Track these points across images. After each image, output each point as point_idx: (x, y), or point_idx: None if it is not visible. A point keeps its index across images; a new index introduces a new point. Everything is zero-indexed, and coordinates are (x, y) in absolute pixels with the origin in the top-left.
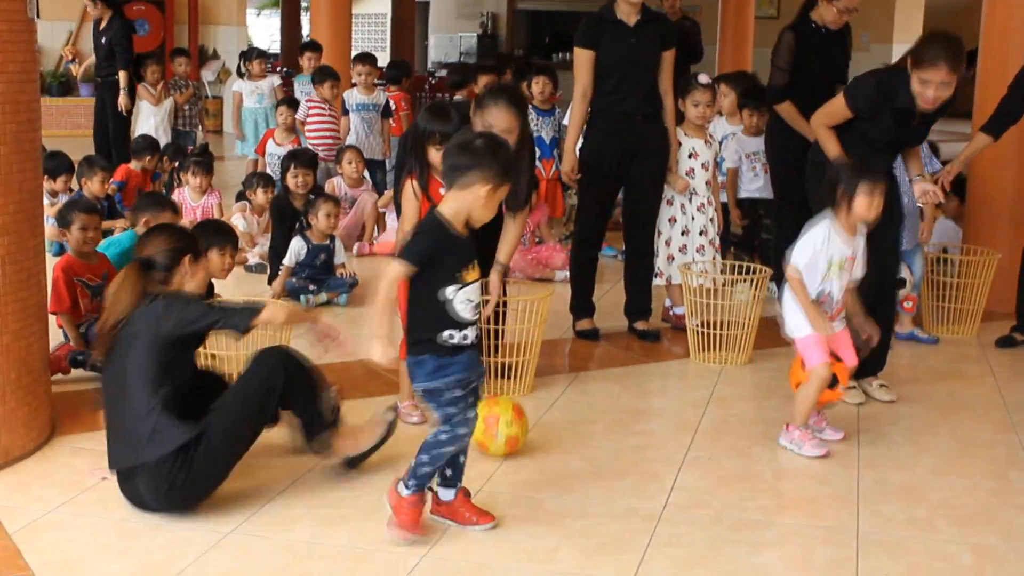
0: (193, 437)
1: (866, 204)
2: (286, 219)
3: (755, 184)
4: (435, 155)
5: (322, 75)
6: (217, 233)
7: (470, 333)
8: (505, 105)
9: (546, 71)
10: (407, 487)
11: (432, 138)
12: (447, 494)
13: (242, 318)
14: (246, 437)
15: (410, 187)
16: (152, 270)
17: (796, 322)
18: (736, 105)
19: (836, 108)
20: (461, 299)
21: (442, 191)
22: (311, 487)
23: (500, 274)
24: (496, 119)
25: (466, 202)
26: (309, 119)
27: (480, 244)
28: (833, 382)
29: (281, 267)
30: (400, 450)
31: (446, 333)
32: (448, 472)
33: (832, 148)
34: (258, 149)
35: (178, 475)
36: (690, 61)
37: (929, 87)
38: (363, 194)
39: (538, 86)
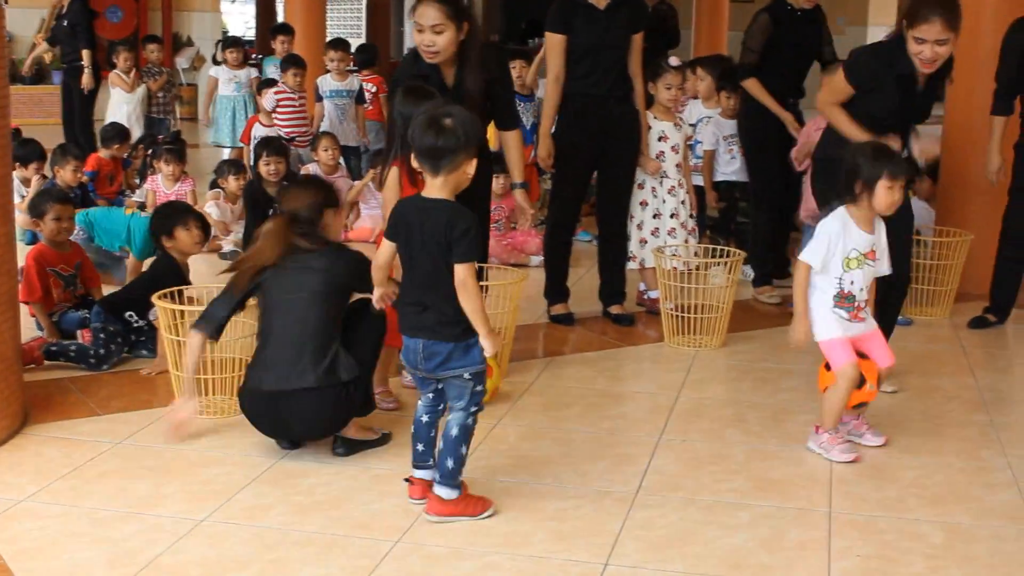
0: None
1: (887, 195)
2: (259, 206)
3: (732, 167)
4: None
5: (287, 63)
6: (179, 212)
7: None
8: (436, 3)
9: (522, 56)
10: (453, 487)
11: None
12: (426, 473)
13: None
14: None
15: (395, 174)
16: (296, 222)
17: (819, 325)
18: (713, 88)
19: (838, 86)
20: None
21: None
22: (284, 475)
23: (523, 190)
24: (420, 15)
25: (457, 181)
26: (279, 106)
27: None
28: (861, 382)
29: None
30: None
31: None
32: (420, 447)
33: (848, 128)
34: (243, 138)
35: (340, 404)
36: (667, 45)
37: (926, 45)
38: (338, 180)
39: (515, 71)
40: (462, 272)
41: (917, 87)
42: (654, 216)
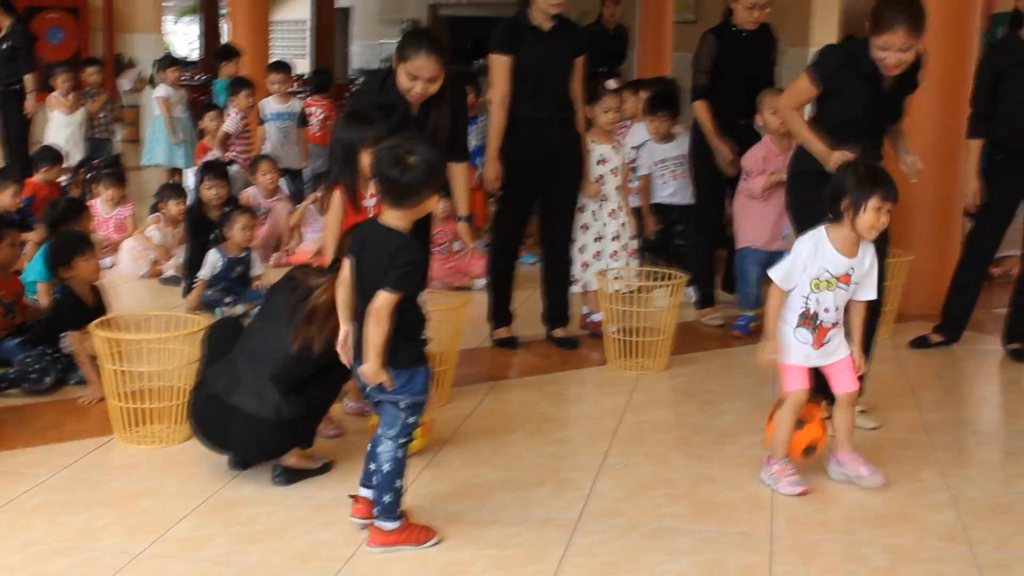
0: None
1: (874, 219)
2: (201, 231)
3: (666, 191)
4: (365, 160)
5: (238, 85)
6: (77, 241)
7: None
8: (427, 52)
9: (469, 78)
10: (393, 519)
11: (366, 143)
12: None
13: None
14: None
15: (338, 198)
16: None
17: (782, 348)
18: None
19: (800, 86)
20: (423, 299)
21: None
22: (222, 505)
23: (467, 223)
24: (419, 68)
25: (415, 216)
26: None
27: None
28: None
29: (196, 279)
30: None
31: (423, 335)
32: (372, 467)
33: (805, 133)
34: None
35: (280, 435)
36: (616, 64)
37: (889, 53)
38: (277, 204)
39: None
40: (382, 298)
41: (883, 85)
42: (596, 239)
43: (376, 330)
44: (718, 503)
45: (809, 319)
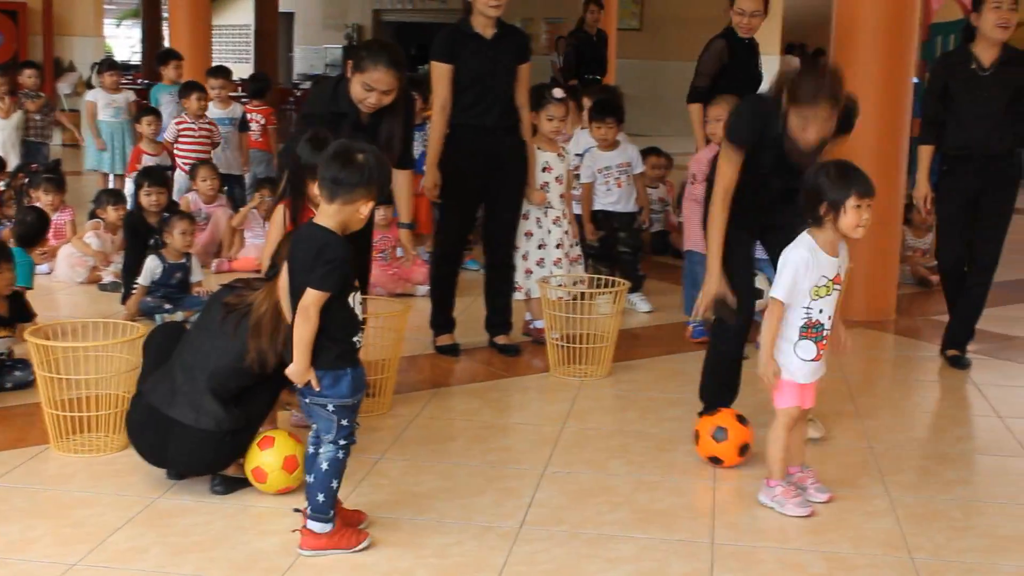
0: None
1: (855, 215)
2: (140, 237)
3: (609, 198)
4: (315, 189)
5: (188, 88)
6: None
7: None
8: (385, 65)
9: (415, 85)
10: (325, 521)
11: (314, 172)
12: None
13: None
14: None
15: (281, 212)
16: None
17: (783, 362)
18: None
19: (729, 158)
20: (357, 302)
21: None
22: (159, 515)
23: (409, 230)
24: (376, 80)
25: (346, 216)
26: (181, 138)
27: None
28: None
29: (135, 286)
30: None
31: (355, 338)
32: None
33: (714, 244)
34: (131, 169)
35: (220, 448)
36: (600, 72)
37: (811, 125)
38: (217, 210)
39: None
40: (308, 297)
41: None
42: (539, 246)
43: (302, 329)
44: (659, 510)
45: (812, 328)
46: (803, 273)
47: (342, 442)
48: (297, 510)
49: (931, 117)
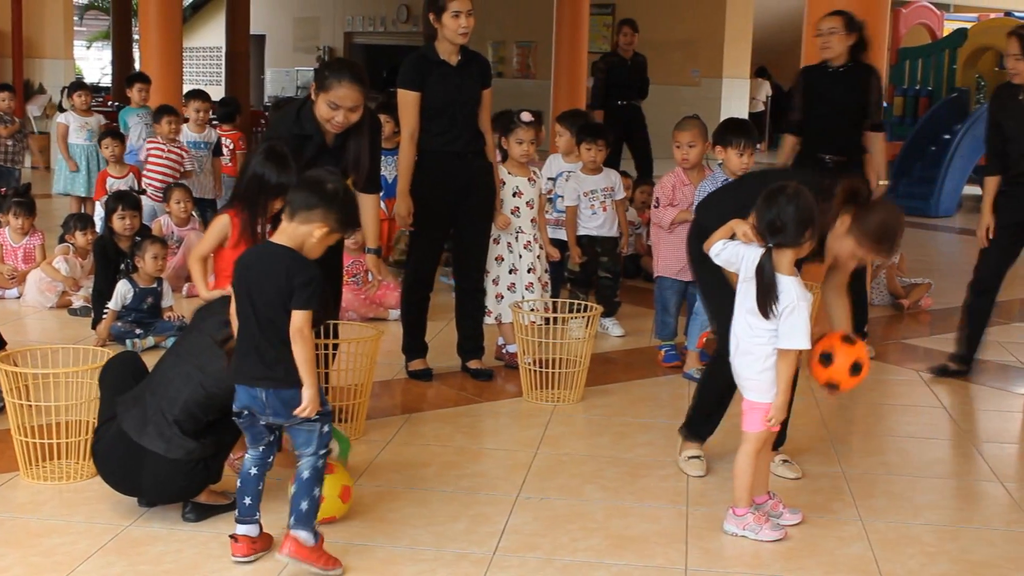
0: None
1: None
2: (110, 261)
3: (594, 222)
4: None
5: (161, 112)
6: None
7: None
8: (349, 81)
9: (387, 109)
10: (311, 531)
11: (279, 190)
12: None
13: None
14: None
15: (224, 222)
16: None
17: (764, 387)
18: (572, 143)
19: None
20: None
21: None
22: (130, 543)
23: (376, 255)
24: (342, 97)
25: (300, 237)
26: (149, 160)
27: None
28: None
29: (106, 311)
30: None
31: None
32: (248, 501)
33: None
34: (96, 195)
35: (193, 475)
36: (640, 95)
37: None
38: (190, 233)
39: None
40: (299, 319)
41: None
42: (510, 271)
43: (304, 352)
44: (633, 536)
45: None
46: (808, 311)
47: (322, 451)
48: (232, 537)
49: (992, 149)
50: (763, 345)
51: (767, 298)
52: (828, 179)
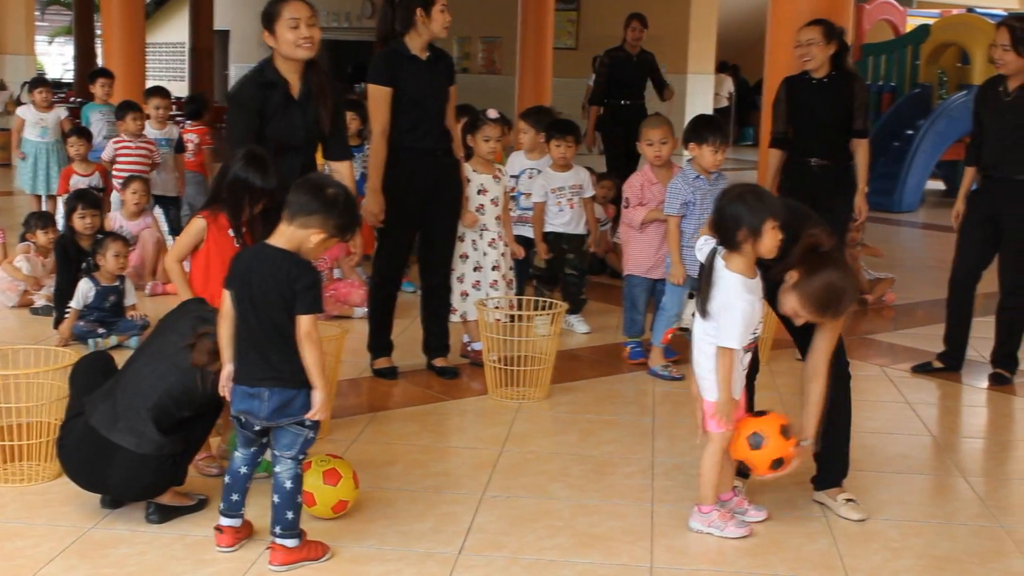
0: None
1: (773, 240)
2: (71, 260)
3: (561, 219)
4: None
5: (124, 109)
6: None
7: None
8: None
9: (354, 106)
10: (296, 535)
11: (261, 194)
12: (237, 522)
13: None
14: None
15: (200, 226)
16: None
17: (713, 387)
18: (536, 140)
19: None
20: None
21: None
22: (93, 545)
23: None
24: (294, 10)
25: (298, 240)
26: (119, 159)
27: None
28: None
29: (68, 310)
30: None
31: None
32: (236, 497)
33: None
34: (60, 190)
35: (161, 472)
36: (659, 90)
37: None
38: (144, 232)
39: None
40: (307, 323)
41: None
42: (475, 268)
43: (314, 355)
44: (599, 534)
45: (753, 340)
46: (750, 315)
47: (301, 457)
48: (217, 528)
49: (972, 139)
50: (711, 344)
51: (702, 294)
52: (813, 226)
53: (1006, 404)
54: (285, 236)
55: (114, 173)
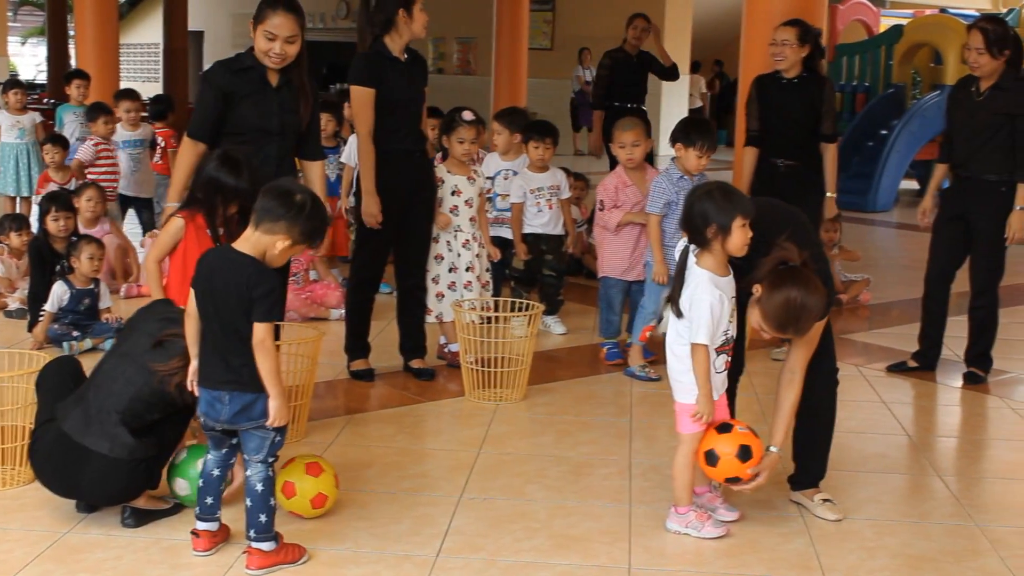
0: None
1: (742, 237)
2: (45, 263)
3: (539, 220)
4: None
5: (95, 111)
6: None
7: None
8: (284, 10)
9: (330, 107)
10: (271, 539)
11: (235, 194)
12: (213, 525)
13: None
14: None
15: (178, 226)
16: None
17: (689, 388)
18: (510, 142)
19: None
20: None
21: None
22: (69, 550)
23: None
24: (277, 26)
25: (263, 246)
26: (100, 160)
27: None
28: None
29: (42, 313)
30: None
31: None
32: (210, 500)
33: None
34: (37, 193)
35: (135, 476)
36: (666, 76)
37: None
38: (106, 237)
39: (321, 123)
40: (261, 331)
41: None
42: (450, 270)
43: (268, 363)
44: (576, 536)
45: (726, 343)
46: (718, 310)
47: (271, 460)
48: (193, 532)
49: (944, 137)
50: (684, 345)
51: (674, 292)
52: (789, 238)
53: (980, 403)
54: (251, 241)
55: (97, 176)
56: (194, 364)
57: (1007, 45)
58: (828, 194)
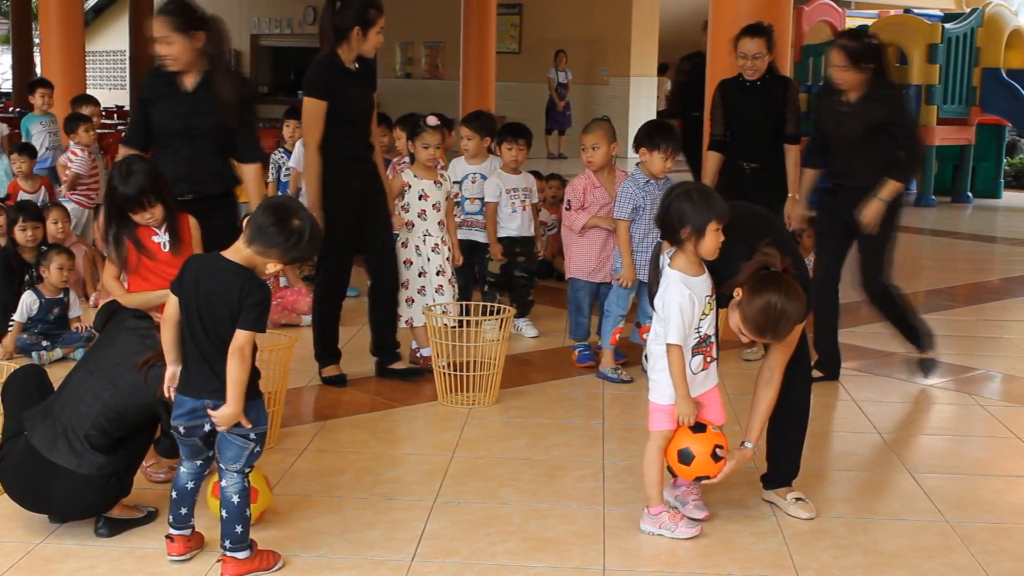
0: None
1: (715, 241)
2: (14, 272)
3: (513, 223)
4: (140, 217)
5: (74, 121)
6: None
7: None
8: (157, 14)
9: (296, 114)
10: (246, 548)
11: (123, 200)
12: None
13: None
14: None
15: (110, 269)
16: None
17: (662, 388)
18: (480, 146)
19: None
20: None
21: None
22: (42, 561)
23: None
24: (154, 29)
25: (253, 264)
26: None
27: None
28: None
29: (12, 323)
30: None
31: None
32: (184, 511)
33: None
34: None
35: (106, 489)
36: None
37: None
38: (74, 246)
39: (288, 129)
40: (242, 338)
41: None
42: (419, 274)
43: (239, 372)
44: (550, 539)
45: (702, 344)
46: (688, 309)
47: (247, 470)
48: (168, 537)
49: (812, 142)
50: (660, 345)
51: (650, 292)
52: (771, 243)
53: (950, 400)
54: (241, 255)
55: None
56: (171, 370)
57: (870, 59)
58: (790, 195)
